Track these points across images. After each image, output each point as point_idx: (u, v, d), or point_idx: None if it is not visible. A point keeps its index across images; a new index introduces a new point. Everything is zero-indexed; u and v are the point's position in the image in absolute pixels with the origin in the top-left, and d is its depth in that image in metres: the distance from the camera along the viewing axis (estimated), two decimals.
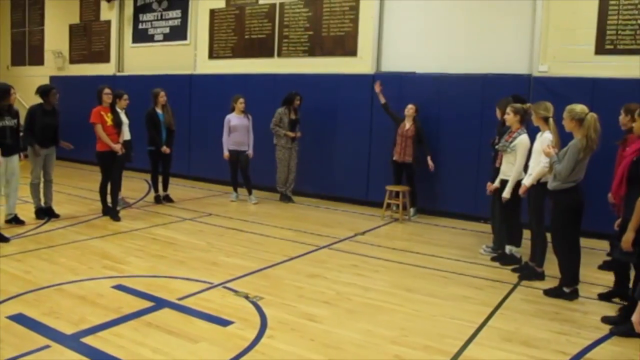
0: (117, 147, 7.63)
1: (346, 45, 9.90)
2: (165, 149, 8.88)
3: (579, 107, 5.04)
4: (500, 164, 6.23)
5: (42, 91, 7.59)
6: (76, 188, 9.95)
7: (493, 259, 6.45)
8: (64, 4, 14.21)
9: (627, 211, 4.29)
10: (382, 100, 8.75)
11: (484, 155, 7.79)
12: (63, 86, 8.73)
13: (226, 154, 9.39)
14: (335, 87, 9.83)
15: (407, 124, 8.53)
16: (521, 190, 5.72)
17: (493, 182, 6.33)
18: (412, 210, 8.75)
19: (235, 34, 11.22)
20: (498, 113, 6.74)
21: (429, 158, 8.43)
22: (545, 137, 5.48)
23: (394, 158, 8.64)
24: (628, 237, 4.18)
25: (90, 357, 3.63)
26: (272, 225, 7.91)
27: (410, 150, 8.47)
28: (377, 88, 8.78)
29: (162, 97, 8.98)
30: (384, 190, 8.63)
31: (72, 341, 3.86)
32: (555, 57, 8.15)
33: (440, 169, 8.73)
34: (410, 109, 8.51)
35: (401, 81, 9.19)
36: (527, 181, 5.62)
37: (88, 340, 3.89)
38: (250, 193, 9.58)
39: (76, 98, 10.65)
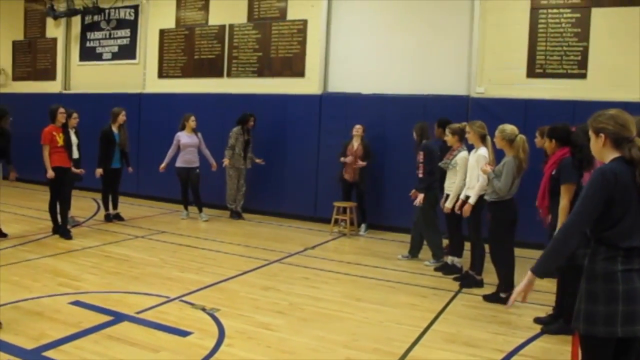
0: (79, 171, 7.53)
1: (294, 67, 10.24)
2: (98, 172, 8.89)
3: (509, 128, 5.51)
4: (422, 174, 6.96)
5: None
6: (23, 208, 9.81)
7: (436, 269, 6.85)
8: (6, 20, 13.98)
9: (553, 219, 4.75)
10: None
11: None
12: (5, 103, 8.60)
13: (163, 165, 9.52)
14: (284, 106, 10.14)
15: (355, 144, 8.89)
16: (466, 209, 5.96)
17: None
18: (363, 226, 9.09)
19: (184, 54, 11.39)
20: (414, 135, 7.35)
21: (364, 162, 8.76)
22: (479, 154, 5.93)
23: (345, 177, 8.96)
24: None
25: None
26: (223, 242, 8.09)
27: (359, 169, 8.82)
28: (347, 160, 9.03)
29: (122, 117, 9.06)
30: (332, 206, 8.95)
31: (34, 355, 3.95)
32: (491, 79, 8.72)
33: (387, 186, 9.14)
34: (358, 129, 8.86)
35: (347, 102, 9.59)
36: (472, 200, 5.91)
37: (50, 354, 3.98)
38: (200, 211, 9.71)
39: (20, 116, 10.48)
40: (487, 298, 5.64)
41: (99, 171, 8.90)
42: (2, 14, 14.09)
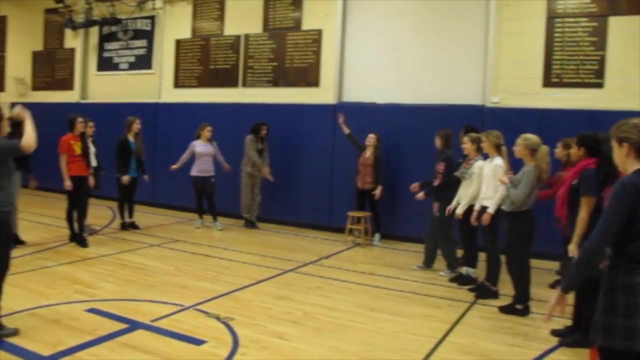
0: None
1: (309, 77, 10.28)
2: (125, 179, 8.97)
3: (534, 138, 5.45)
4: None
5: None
6: (41, 215, 9.91)
7: (451, 280, 6.80)
8: (26, 31, 14.23)
9: (569, 229, 4.70)
10: (346, 130, 9.13)
11: None
12: None
13: (175, 166, 9.61)
14: (299, 116, 10.17)
15: (368, 153, 8.89)
16: (486, 217, 5.89)
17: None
18: (376, 235, 9.06)
19: (200, 64, 11.48)
20: (437, 142, 7.31)
21: (379, 187, 8.74)
22: (496, 164, 5.89)
23: (357, 185, 8.98)
24: (571, 247, 4.57)
25: None
26: (238, 251, 8.11)
27: (370, 177, 8.81)
28: (340, 119, 9.16)
29: (137, 125, 9.14)
30: (346, 216, 8.94)
31: None
32: (507, 89, 8.67)
33: (400, 195, 9.10)
34: (371, 139, 8.87)
35: (362, 111, 9.59)
36: (491, 209, 5.84)
37: None
38: (215, 219, 9.75)
39: (38, 125, 10.57)
40: (503, 309, 5.58)
41: (125, 178, 8.97)
42: (23, 25, 14.35)
